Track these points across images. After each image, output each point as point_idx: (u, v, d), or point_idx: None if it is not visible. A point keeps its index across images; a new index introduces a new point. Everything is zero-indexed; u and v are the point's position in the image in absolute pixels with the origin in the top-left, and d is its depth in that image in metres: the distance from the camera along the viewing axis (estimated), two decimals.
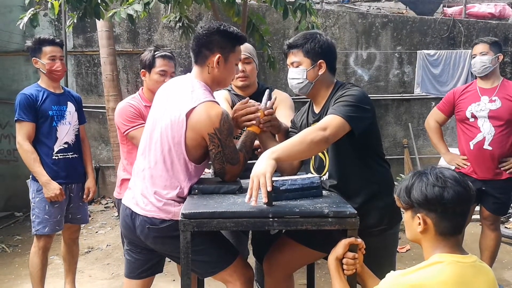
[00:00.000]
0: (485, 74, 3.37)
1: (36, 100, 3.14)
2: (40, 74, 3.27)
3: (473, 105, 3.37)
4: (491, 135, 3.30)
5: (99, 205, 6.58)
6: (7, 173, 6.53)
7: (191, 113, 1.98)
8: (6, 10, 6.51)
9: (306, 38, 2.16)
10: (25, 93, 3.15)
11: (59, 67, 3.21)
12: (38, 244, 3.21)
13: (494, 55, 3.34)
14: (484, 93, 3.37)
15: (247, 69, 2.74)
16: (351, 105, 1.99)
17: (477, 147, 3.34)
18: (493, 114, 3.30)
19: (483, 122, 3.32)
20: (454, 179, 1.51)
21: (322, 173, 2.20)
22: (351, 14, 7.13)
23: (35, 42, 3.19)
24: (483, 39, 3.45)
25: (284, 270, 2.31)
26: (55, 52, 3.19)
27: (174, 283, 3.77)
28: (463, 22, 7.12)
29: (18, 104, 3.11)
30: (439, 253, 1.51)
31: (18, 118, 3.11)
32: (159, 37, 6.86)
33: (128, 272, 2.23)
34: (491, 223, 3.47)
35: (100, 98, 6.71)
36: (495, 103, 3.31)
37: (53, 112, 3.20)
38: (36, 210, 3.19)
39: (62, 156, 3.22)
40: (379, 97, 7.02)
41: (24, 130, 3.11)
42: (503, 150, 3.31)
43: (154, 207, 2.01)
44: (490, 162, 3.31)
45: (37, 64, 3.20)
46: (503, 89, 3.35)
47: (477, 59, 3.37)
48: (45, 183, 3.10)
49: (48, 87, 3.23)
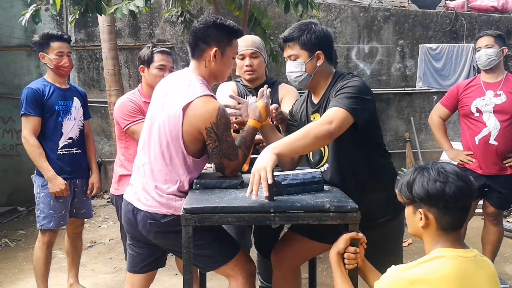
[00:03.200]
0: (490, 68, 3.33)
1: (42, 95, 3.14)
2: (47, 69, 3.27)
3: (477, 100, 3.34)
4: (497, 130, 3.27)
5: (101, 199, 6.60)
6: (10, 168, 6.55)
7: (188, 107, 1.98)
8: (8, 5, 6.51)
9: (301, 29, 2.12)
10: (32, 87, 3.15)
11: (67, 63, 3.22)
12: (43, 238, 3.23)
13: (499, 48, 3.31)
14: (488, 88, 3.34)
15: (254, 63, 2.76)
16: (354, 97, 1.96)
17: (482, 142, 3.31)
18: (499, 109, 3.27)
19: (488, 116, 3.29)
20: (456, 174, 1.51)
21: (321, 164, 2.19)
22: (353, 8, 7.11)
23: (43, 37, 3.19)
24: (488, 32, 3.40)
25: (292, 263, 2.33)
26: (63, 48, 3.20)
27: (177, 277, 3.79)
28: (465, 16, 7.09)
29: (25, 98, 3.12)
30: (440, 248, 1.52)
31: (24, 112, 3.11)
32: (160, 32, 6.85)
33: (131, 267, 2.24)
34: (494, 218, 3.46)
35: (102, 92, 6.72)
36: (500, 97, 3.28)
37: (59, 107, 3.21)
38: (41, 205, 3.20)
39: (66, 151, 3.23)
40: (381, 91, 7.01)
41: (30, 125, 3.11)
42: (509, 145, 3.28)
43: (156, 202, 2.02)
44: (496, 157, 3.29)
45: (44, 59, 3.21)
46: (508, 83, 3.32)
47: (483, 52, 3.32)
48: (51, 178, 3.11)
49: (54, 82, 3.24)
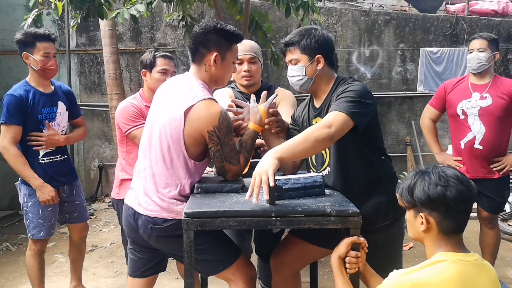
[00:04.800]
0: (479, 72, 3.32)
1: (26, 103, 2.95)
2: (30, 71, 3.04)
3: (463, 102, 3.32)
4: (481, 134, 3.25)
5: (102, 203, 6.60)
6: (11, 172, 6.45)
7: (189, 111, 1.99)
8: (10, 9, 6.53)
9: (301, 34, 2.15)
10: (14, 94, 2.94)
11: (53, 65, 3.03)
12: (34, 247, 3.14)
13: (491, 53, 3.28)
14: (475, 89, 3.31)
15: (252, 68, 2.74)
16: (354, 101, 1.98)
17: (467, 146, 3.31)
18: (484, 112, 3.24)
19: (473, 120, 3.28)
20: (457, 178, 1.51)
21: (322, 168, 2.20)
22: (354, 12, 7.12)
23: (29, 35, 2.97)
24: (483, 35, 3.37)
25: (291, 268, 2.32)
26: (50, 49, 2.99)
27: (178, 281, 3.78)
28: (466, 19, 7.09)
29: (6, 106, 2.91)
30: (441, 252, 1.52)
31: (5, 121, 2.91)
32: (162, 36, 6.87)
33: (132, 271, 2.25)
34: (489, 222, 3.45)
35: (103, 96, 6.72)
36: (486, 100, 3.26)
37: (43, 116, 3.04)
38: (29, 215, 3.09)
39: (49, 160, 3.09)
40: (382, 95, 7.00)
41: (10, 134, 2.92)
42: (494, 149, 3.27)
43: (157, 207, 2.02)
44: (481, 161, 3.27)
45: (27, 60, 2.98)
46: (495, 85, 3.29)
47: (474, 55, 3.30)
48: (39, 186, 2.99)
49: (38, 86, 3.04)
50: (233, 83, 2.87)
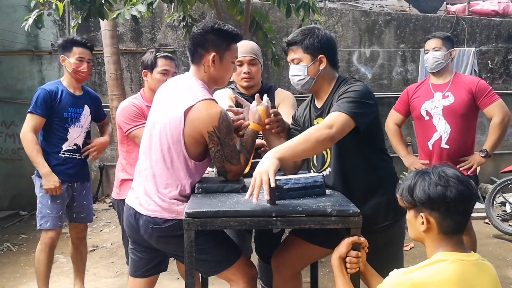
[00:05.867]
0: (438, 70, 3.33)
1: (54, 98, 3.19)
2: (65, 73, 3.32)
3: (427, 103, 3.33)
4: (447, 134, 3.26)
5: (103, 203, 6.61)
6: (12, 172, 6.56)
7: (189, 111, 1.99)
8: (11, 10, 6.53)
9: (304, 34, 2.15)
10: (45, 88, 3.21)
11: (85, 69, 3.26)
12: (44, 240, 3.24)
13: (446, 51, 3.30)
14: (437, 90, 3.33)
15: (252, 70, 2.74)
16: (355, 101, 1.98)
17: (435, 146, 3.32)
18: (447, 110, 3.26)
19: (438, 120, 3.29)
20: (457, 178, 1.51)
21: (323, 168, 2.20)
22: (354, 12, 7.12)
23: (68, 41, 3.28)
24: (436, 34, 3.40)
25: (292, 268, 2.32)
26: (84, 54, 3.25)
27: (178, 281, 3.79)
28: (466, 20, 7.09)
29: (36, 97, 3.16)
30: (442, 252, 1.52)
31: (31, 111, 3.15)
32: (162, 36, 6.87)
33: (133, 271, 2.25)
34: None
35: (104, 97, 6.68)
36: (449, 98, 3.27)
37: (68, 114, 3.24)
38: (39, 205, 3.24)
39: (69, 155, 3.27)
40: (383, 95, 7.00)
41: (32, 123, 3.14)
42: (460, 148, 3.27)
43: (157, 207, 2.02)
44: (449, 160, 3.23)
45: (64, 62, 3.26)
46: (456, 83, 3.30)
47: (430, 55, 3.33)
48: (46, 174, 3.13)
49: (69, 87, 3.29)
50: (233, 84, 2.87)
